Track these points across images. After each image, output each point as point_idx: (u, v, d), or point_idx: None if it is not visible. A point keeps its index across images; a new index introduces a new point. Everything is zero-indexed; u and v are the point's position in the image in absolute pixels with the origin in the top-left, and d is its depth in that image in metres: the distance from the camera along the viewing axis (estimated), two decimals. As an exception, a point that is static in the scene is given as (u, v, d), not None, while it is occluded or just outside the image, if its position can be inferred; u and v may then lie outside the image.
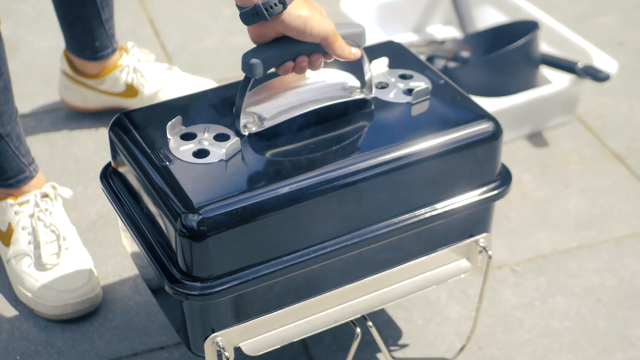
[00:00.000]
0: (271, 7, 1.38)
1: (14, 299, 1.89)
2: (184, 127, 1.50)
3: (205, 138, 1.48)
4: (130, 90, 2.32)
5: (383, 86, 1.62)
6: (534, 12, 2.53)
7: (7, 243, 1.90)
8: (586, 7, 2.91)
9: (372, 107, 1.57)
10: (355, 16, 2.51)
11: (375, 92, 1.59)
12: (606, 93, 2.52)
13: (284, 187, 1.40)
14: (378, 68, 1.65)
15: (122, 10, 2.85)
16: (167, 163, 1.44)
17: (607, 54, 2.47)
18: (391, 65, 1.67)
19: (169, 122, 1.48)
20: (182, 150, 1.46)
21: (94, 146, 2.29)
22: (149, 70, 2.32)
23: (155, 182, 1.43)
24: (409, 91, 1.60)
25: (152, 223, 1.47)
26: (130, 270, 1.94)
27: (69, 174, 2.21)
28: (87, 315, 1.86)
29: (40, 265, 1.85)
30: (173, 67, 2.38)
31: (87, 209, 2.11)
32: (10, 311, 1.87)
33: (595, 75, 2.26)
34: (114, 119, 1.55)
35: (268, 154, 1.47)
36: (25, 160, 1.89)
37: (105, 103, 2.36)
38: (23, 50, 2.66)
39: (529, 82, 2.36)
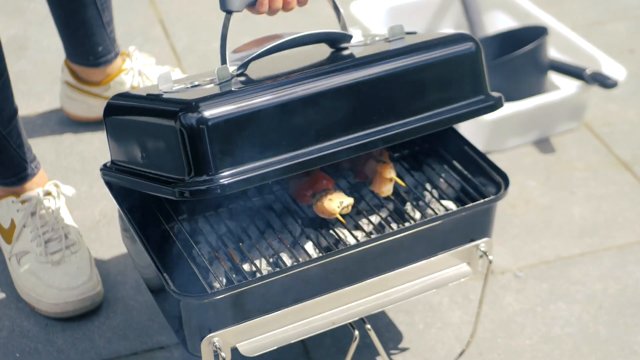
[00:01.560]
0: None
1: (15, 297, 1.89)
2: (174, 83, 1.54)
3: (195, 81, 1.52)
4: None
5: (359, 40, 1.65)
6: (543, 18, 2.52)
7: (9, 240, 1.90)
8: (597, 14, 2.90)
9: (352, 43, 1.63)
10: (365, 19, 2.50)
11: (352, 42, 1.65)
12: (615, 100, 2.51)
13: (276, 87, 1.44)
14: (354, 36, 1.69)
15: (133, 11, 2.86)
16: (162, 94, 1.47)
17: (616, 61, 2.46)
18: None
19: (159, 75, 1.50)
20: (175, 88, 1.50)
21: (100, 145, 2.29)
22: (154, 73, 2.32)
23: (151, 106, 1.46)
24: (385, 39, 1.64)
25: (152, 163, 1.48)
26: (132, 269, 1.95)
27: (74, 172, 2.21)
28: (88, 313, 1.86)
29: (41, 263, 1.85)
30: (175, 69, 2.39)
31: (91, 208, 2.11)
32: (11, 309, 1.88)
33: (603, 82, 2.25)
34: (105, 105, 1.57)
35: (257, 73, 1.51)
36: (26, 157, 1.90)
37: None
38: (32, 48, 2.67)
39: (536, 88, 2.35)
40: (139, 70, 2.30)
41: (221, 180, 1.38)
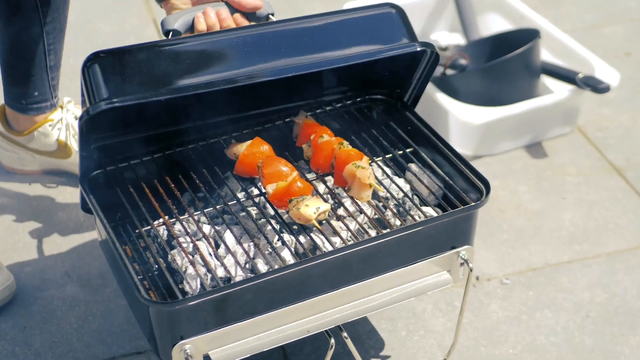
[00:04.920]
0: None
1: (-5, 299, 1.88)
2: None
3: None
4: (62, 150, 2.14)
5: None
6: (538, 21, 2.49)
7: None
8: (595, 17, 2.87)
9: None
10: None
11: None
12: (609, 104, 2.48)
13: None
14: None
15: (127, 10, 2.84)
16: None
17: (613, 64, 2.43)
18: None
19: None
20: None
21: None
22: None
23: None
24: None
25: None
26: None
27: (60, 174, 2.19)
28: (58, 314, 1.85)
29: None
30: None
31: (75, 210, 2.09)
32: (-11, 311, 1.87)
33: (595, 86, 2.22)
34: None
35: None
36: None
37: (42, 165, 2.17)
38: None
39: (528, 92, 2.32)
40: (67, 123, 2.13)
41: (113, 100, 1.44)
